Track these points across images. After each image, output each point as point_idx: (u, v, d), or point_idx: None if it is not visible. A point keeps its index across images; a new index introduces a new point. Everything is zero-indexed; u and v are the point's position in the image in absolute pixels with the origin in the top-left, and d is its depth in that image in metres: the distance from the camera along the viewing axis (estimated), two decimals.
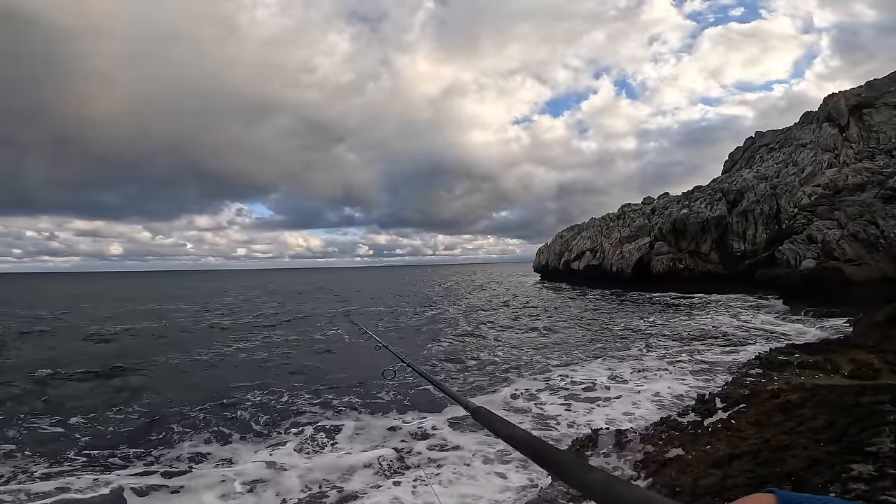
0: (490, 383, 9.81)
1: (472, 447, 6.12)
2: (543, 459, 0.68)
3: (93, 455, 6.46)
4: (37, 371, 11.66)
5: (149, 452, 6.52)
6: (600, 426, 6.49)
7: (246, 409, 8.40)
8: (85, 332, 19.03)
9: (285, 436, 7.05)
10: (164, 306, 32.37)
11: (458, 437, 6.57)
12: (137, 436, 7.18)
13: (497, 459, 5.69)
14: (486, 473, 5.42)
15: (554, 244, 49.75)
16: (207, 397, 9.10)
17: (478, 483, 5.22)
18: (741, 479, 3.53)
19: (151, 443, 6.91)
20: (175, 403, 8.75)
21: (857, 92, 30.59)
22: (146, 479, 5.67)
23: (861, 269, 18.73)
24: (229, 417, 7.94)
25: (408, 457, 6.08)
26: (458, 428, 6.83)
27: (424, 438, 6.67)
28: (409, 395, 8.77)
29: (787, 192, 27.50)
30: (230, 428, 7.40)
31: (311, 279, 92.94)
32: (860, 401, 4.43)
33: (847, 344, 9.10)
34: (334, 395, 9.03)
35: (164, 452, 6.52)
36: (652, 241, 32.66)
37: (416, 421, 7.37)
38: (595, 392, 8.63)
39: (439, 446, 6.37)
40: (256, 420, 7.81)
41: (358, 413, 8.00)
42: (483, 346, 14.05)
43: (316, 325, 20.47)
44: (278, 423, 7.60)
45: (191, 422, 7.74)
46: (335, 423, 7.46)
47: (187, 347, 14.98)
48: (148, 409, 8.50)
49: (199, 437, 7.08)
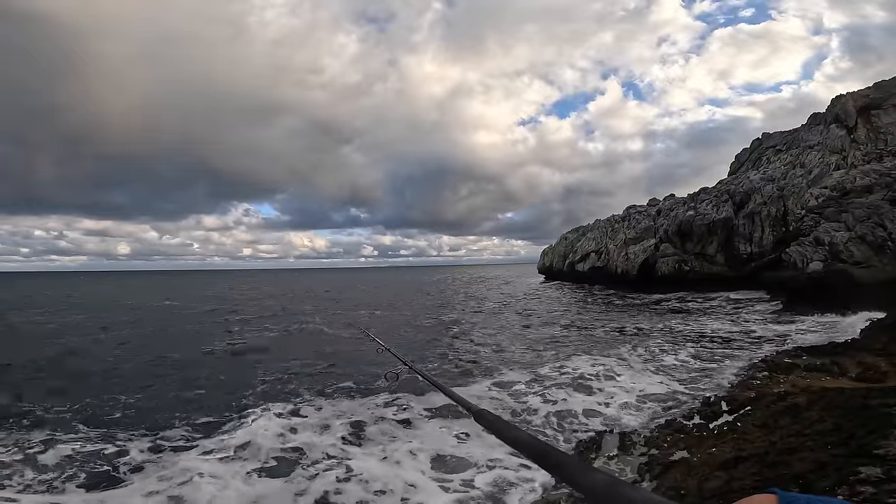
0: (480, 376, 10.25)
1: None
2: (547, 462, 0.68)
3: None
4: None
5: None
6: (586, 422, 6.50)
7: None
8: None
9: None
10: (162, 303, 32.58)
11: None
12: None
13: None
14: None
15: (558, 245, 49.67)
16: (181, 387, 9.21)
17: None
18: (747, 482, 3.51)
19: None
20: (171, 389, 8.87)
21: (866, 93, 30.35)
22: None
23: (869, 271, 18.55)
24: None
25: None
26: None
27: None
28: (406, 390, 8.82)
29: (795, 193, 27.32)
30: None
31: (313, 281, 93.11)
32: (868, 403, 4.39)
33: (854, 346, 9.02)
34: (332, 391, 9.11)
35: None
36: (657, 243, 32.51)
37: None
38: (584, 385, 8.92)
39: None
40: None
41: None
42: (481, 345, 14.09)
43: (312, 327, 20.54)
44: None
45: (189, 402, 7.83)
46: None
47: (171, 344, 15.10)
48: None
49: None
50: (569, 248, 45.82)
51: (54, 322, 23.08)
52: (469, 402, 1.17)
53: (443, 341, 15.44)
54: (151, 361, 12.85)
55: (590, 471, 0.57)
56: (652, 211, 36.99)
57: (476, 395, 8.62)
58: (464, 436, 6.62)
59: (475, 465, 5.75)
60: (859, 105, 29.79)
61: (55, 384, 10.38)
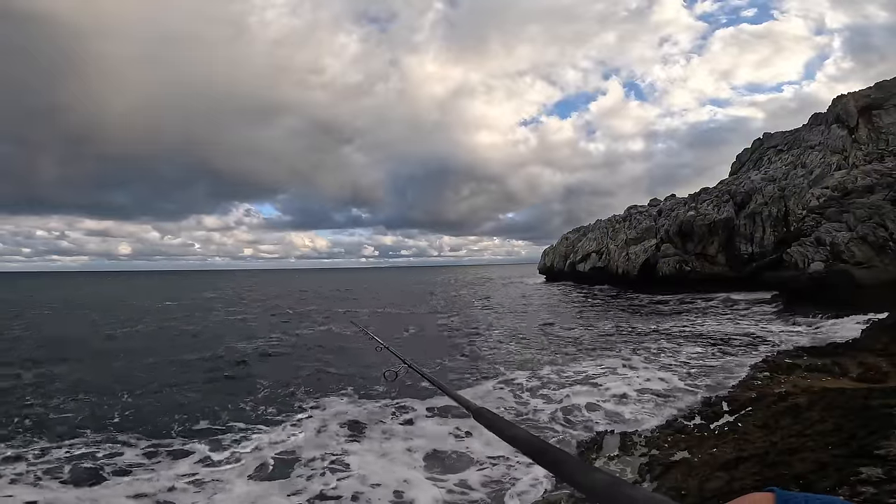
0: (479, 377, 10.25)
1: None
2: (546, 460, 0.68)
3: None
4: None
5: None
6: (589, 416, 6.49)
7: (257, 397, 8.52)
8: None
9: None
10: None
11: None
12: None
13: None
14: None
15: (559, 246, 49.64)
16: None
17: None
18: (748, 482, 3.51)
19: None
20: (174, 390, 8.88)
21: (867, 93, 30.28)
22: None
23: (870, 271, 18.52)
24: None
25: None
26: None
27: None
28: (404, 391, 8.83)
29: (796, 194, 27.26)
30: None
31: (315, 281, 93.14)
32: (869, 404, 4.39)
33: (855, 347, 9.01)
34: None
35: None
36: (658, 243, 32.47)
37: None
38: (587, 383, 8.95)
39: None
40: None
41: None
42: (477, 343, 14.16)
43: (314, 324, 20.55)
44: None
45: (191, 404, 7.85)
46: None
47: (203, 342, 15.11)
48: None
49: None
50: (570, 248, 45.80)
51: (60, 326, 23.09)
52: (468, 401, 1.16)
53: (446, 341, 15.45)
54: (154, 364, 12.86)
55: (589, 470, 0.57)
56: (653, 211, 36.95)
57: (480, 395, 8.70)
58: (464, 434, 6.65)
59: (477, 463, 5.78)
60: (860, 105, 29.73)
61: (60, 385, 10.41)
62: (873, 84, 30.69)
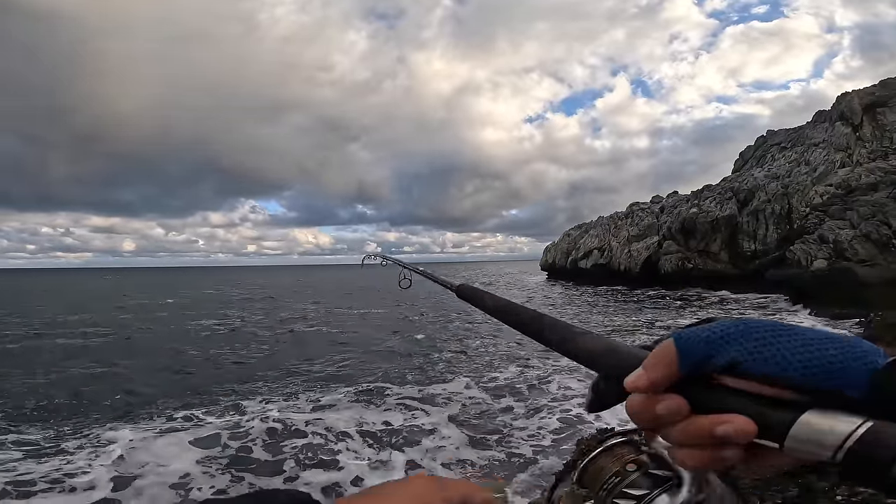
0: (477, 370, 10.51)
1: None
2: (528, 328, 0.62)
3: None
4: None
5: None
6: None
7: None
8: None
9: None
10: None
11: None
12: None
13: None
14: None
15: (561, 242, 49.56)
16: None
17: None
18: (746, 480, 3.52)
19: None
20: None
21: (871, 91, 30.11)
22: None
23: (874, 269, 18.47)
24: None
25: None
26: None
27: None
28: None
29: (799, 191, 27.18)
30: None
31: (316, 279, 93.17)
32: None
33: None
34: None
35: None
36: (660, 240, 32.43)
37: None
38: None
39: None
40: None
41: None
42: (474, 341, 14.30)
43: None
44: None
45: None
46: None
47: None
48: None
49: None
50: (571, 244, 45.74)
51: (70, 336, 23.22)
52: (449, 282, 1.23)
53: (452, 335, 15.65)
54: (155, 364, 12.90)
55: (578, 334, 0.52)
56: (655, 208, 36.87)
57: (484, 389, 8.95)
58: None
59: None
60: (865, 102, 29.56)
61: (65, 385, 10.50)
62: (878, 82, 30.52)
